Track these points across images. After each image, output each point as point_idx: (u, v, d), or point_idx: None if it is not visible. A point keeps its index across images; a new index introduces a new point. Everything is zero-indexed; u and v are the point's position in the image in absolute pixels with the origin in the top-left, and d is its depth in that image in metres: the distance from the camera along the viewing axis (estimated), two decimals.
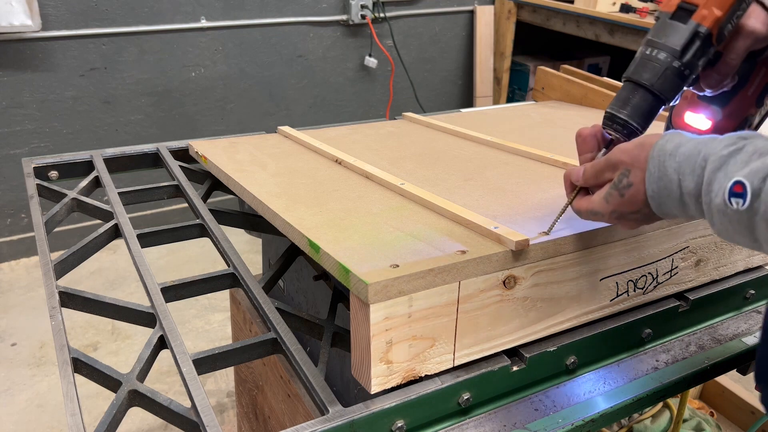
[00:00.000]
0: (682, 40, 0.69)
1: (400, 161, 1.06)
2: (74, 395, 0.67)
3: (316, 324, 0.84)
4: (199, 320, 2.31)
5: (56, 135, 2.56)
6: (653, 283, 0.87)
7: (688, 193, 0.60)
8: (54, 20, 2.40)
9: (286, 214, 0.83)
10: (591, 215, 0.70)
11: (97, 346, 2.18)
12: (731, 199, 0.55)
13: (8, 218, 2.62)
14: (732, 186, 0.55)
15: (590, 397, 0.79)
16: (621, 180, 0.65)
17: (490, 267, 0.70)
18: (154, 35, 2.60)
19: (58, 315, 0.78)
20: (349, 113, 3.17)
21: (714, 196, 0.56)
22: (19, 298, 2.44)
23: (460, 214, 0.79)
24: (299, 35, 2.90)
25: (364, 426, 0.66)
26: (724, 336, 0.93)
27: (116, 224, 0.98)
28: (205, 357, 0.74)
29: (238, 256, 0.90)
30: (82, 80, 2.53)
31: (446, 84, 3.41)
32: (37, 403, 1.94)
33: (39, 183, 1.09)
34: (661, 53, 0.69)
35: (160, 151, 1.21)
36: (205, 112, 2.82)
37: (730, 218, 0.56)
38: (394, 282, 0.64)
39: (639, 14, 2.95)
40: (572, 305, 0.80)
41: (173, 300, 0.85)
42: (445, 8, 3.22)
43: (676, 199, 0.61)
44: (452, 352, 0.71)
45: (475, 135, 1.19)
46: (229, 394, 1.97)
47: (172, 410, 0.67)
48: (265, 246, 1.39)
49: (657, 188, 0.62)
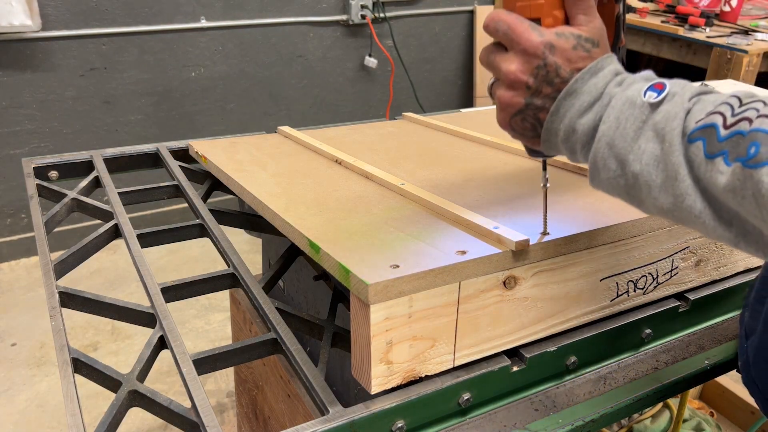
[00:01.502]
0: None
1: (400, 161, 1.06)
2: (74, 395, 0.67)
3: (316, 324, 0.84)
4: (199, 320, 2.31)
5: (56, 135, 2.56)
6: (653, 284, 0.87)
7: (589, 100, 0.58)
8: (54, 20, 2.40)
9: (286, 214, 0.83)
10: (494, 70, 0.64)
11: (97, 346, 2.18)
12: (647, 92, 0.55)
13: (8, 218, 2.62)
14: (654, 84, 0.55)
15: (590, 397, 0.79)
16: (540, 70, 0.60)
17: (491, 267, 0.70)
18: (154, 35, 2.60)
19: (58, 315, 0.78)
20: (349, 113, 3.17)
21: (628, 90, 0.56)
22: (19, 298, 2.44)
23: (460, 215, 0.79)
24: (299, 35, 2.90)
25: (364, 426, 0.66)
26: (724, 336, 0.93)
27: (116, 224, 0.98)
28: (205, 357, 0.74)
29: (238, 256, 0.90)
30: (82, 80, 2.53)
31: (446, 84, 3.41)
32: (37, 403, 1.94)
33: (39, 183, 1.09)
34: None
35: (160, 151, 1.21)
36: (205, 112, 2.82)
37: (631, 114, 0.55)
38: (394, 282, 0.64)
39: (639, 14, 2.95)
40: (572, 305, 0.80)
41: (173, 300, 0.85)
42: (445, 8, 3.22)
43: (578, 110, 0.59)
44: (452, 353, 0.71)
45: (475, 135, 1.19)
46: (229, 394, 1.97)
47: (172, 410, 0.67)
48: (265, 246, 1.39)
49: (563, 95, 0.59)
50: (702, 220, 0.52)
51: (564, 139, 0.61)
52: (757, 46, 2.47)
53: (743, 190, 0.48)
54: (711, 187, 0.51)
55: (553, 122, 0.61)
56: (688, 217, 0.53)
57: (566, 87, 0.59)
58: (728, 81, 2.11)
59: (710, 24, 2.69)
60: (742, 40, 2.51)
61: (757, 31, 2.68)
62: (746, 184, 0.47)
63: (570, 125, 0.60)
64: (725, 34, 2.63)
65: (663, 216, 0.56)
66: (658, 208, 0.55)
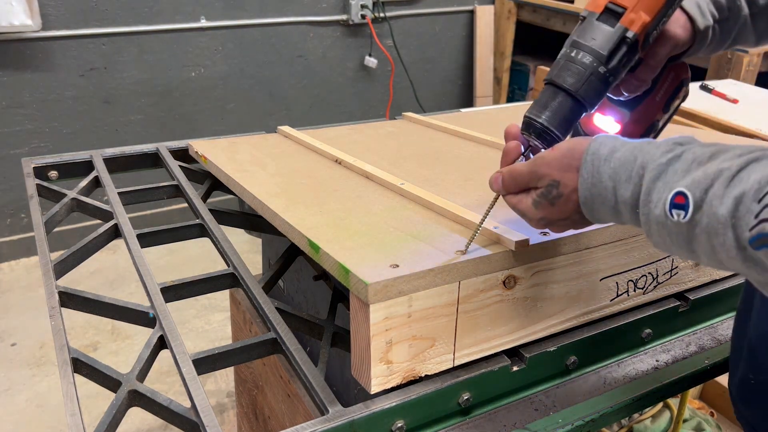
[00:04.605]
0: (609, 45, 0.65)
1: (400, 161, 1.06)
2: (74, 395, 0.67)
3: (316, 324, 0.84)
4: (199, 320, 2.31)
5: (56, 135, 2.56)
6: (653, 283, 0.87)
7: (623, 202, 0.57)
8: (54, 20, 2.40)
9: (286, 214, 0.83)
10: (521, 215, 0.68)
11: (97, 346, 2.18)
12: (672, 210, 0.52)
13: (8, 218, 2.62)
14: (673, 197, 0.52)
15: (590, 397, 0.79)
16: (550, 191, 0.62)
17: (490, 267, 0.70)
18: (154, 35, 2.60)
19: (58, 315, 0.78)
20: (349, 113, 3.16)
21: (653, 207, 0.54)
22: (19, 298, 2.44)
23: (460, 214, 0.79)
24: (299, 35, 2.90)
25: (364, 426, 0.66)
26: (724, 336, 0.93)
27: (116, 224, 0.98)
28: (205, 357, 0.73)
29: (238, 256, 0.90)
30: (82, 80, 2.53)
31: (446, 84, 3.41)
32: (37, 403, 1.94)
33: (39, 183, 1.09)
34: (586, 56, 0.65)
35: (160, 151, 1.21)
36: (204, 112, 2.82)
37: (669, 230, 0.53)
38: (393, 282, 0.64)
39: None
40: (572, 305, 0.80)
41: (173, 300, 0.85)
42: (445, 8, 3.22)
43: (611, 207, 0.59)
44: (452, 352, 0.71)
45: (475, 135, 1.19)
46: (229, 394, 1.97)
47: (172, 410, 0.67)
48: (265, 246, 1.39)
49: (590, 195, 0.60)
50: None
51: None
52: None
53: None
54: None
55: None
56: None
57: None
58: (728, 81, 2.11)
59: None
60: None
61: None
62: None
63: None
64: None
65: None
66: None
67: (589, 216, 0.62)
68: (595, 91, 0.66)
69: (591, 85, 0.66)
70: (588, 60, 0.65)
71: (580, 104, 0.66)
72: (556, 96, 0.66)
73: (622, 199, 0.57)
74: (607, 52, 0.65)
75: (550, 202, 0.63)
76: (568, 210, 0.62)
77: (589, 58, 0.65)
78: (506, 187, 0.67)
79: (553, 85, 0.67)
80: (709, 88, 1.92)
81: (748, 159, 0.49)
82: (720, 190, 0.49)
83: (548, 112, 0.66)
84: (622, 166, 0.57)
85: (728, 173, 0.49)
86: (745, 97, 1.87)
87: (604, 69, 0.65)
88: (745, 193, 0.48)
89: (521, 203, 0.66)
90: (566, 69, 0.66)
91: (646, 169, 0.55)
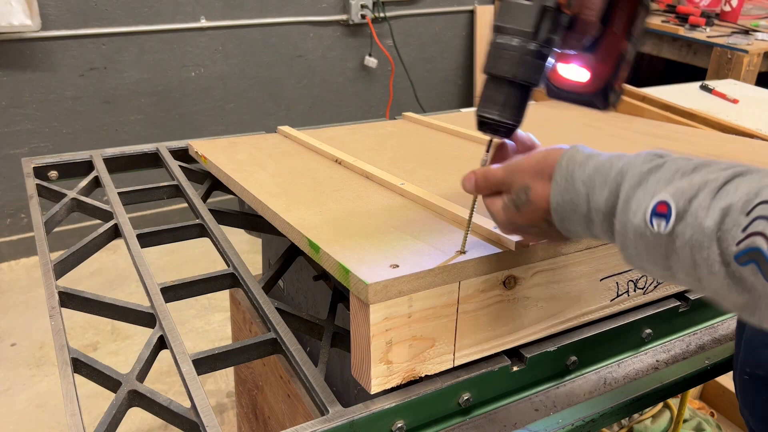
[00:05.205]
0: (531, 20, 0.62)
1: (400, 161, 1.06)
2: (74, 395, 0.67)
3: (316, 324, 0.84)
4: (199, 320, 2.31)
5: (56, 135, 2.56)
6: (653, 283, 0.87)
7: (596, 209, 0.55)
8: (54, 20, 2.40)
9: (286, 214, 0.83)
10: (492, 217, 0.67)
11: (97, 346, 2.18)
12: (653, 219, 0.49)
13: (8, 218, 2.62)
14: (655, 206, 0.49)
15: (590, 397, 0.79)
16: (519, 196, 0.62)
17: (490, 267, 0.70)
18: (154, 35, 2.60)
19: (58, 315, 0.78)
20: (349, 113, 3.16)
21: (632, 216, 0.51)
22: (19, 298, 2.44)
23: (460, 214, 0.79)
24: (299, 35, 2.89)
25: (364, 426, 0.66)
26: (724, 336, 0.93)
27: (116, 224, 0.98)
28: (204, 357, 0.73)
29: (238, 256, 0.90)
30: (81, 80, 2.53)
31: (446, 84, 3.41)
32: (37, 403, 1.94)
33: (39, 183, 1.09)
34: (513, 39, 0.63)
35: (160, 151, 1.21)
36: (204, 112, 2.82)
37: (647, 242, 0.50)
38: (393, 282, 0.64)
39: None
40: (572, 305, 0.80)
41: (173, 300, 0.85)
42: (445, 8, 3.22)
43: (582, 215, 0.57)
44: (452, 353, 0.71)
45: (475, 135, 1.19)
46: (229, 394, 1.97)
47: (171, 410, 0.67)
48: (265, 246, 1.39)
49: (562, 201, 0.57)
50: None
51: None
52: (758, 45, 2.47)
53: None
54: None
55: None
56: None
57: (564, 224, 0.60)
58: (728, 81, 2.11)
59: (711, 24, 2.69)
60: (742, 40, 2.51)
61: (757, 30, 2.68)
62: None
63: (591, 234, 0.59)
64: (726, 33, 2.63)
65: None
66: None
67: (560, 225, 0.60)
68: (534, 69, 0.64)
69: (527, 65, 0.63)
70: (516, 42, 0.63)
71: (524, 87, 0.65)
72: (498, 87, 0.65)
73: (595, 206, 0.55)
74: (532, 29, 0.62)
75: (517, 207, 0.62)
76: (535, 218, 0.61)
77: (516, 40, 0.63)
78: (478, 188, 0.67)
79: (492, 77, 0.65)
80: (709, 88, 1.92)
81: (734, 172, 0.48)
82: (706, 200, 0.47)
83: (495, 105, 0.65)
84: (598, 172, 0.55)
85: (714, 184, 0.48)
86: (745, 97, 1.87)
87: (535, 45, 0.63)
88: (732, 205, 0.45)
89: (493, 205, 0.66)
90: (498, 57, 0.64)
91: (626, 176, 0.53)
